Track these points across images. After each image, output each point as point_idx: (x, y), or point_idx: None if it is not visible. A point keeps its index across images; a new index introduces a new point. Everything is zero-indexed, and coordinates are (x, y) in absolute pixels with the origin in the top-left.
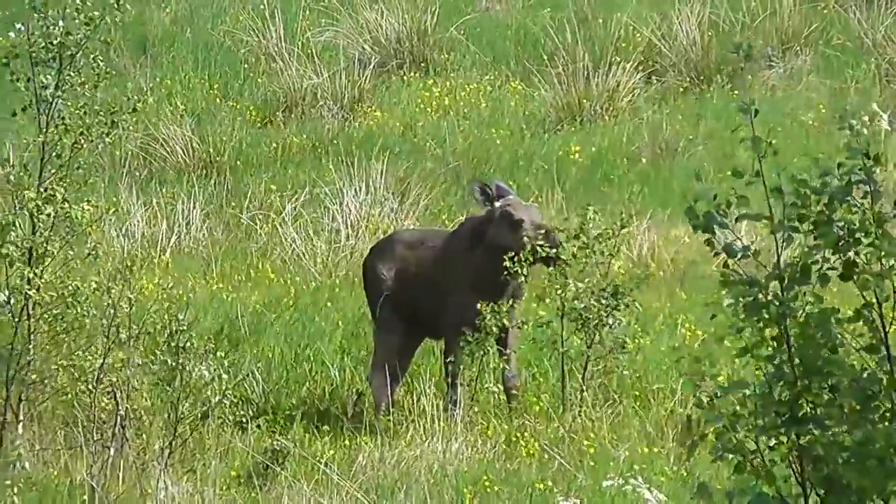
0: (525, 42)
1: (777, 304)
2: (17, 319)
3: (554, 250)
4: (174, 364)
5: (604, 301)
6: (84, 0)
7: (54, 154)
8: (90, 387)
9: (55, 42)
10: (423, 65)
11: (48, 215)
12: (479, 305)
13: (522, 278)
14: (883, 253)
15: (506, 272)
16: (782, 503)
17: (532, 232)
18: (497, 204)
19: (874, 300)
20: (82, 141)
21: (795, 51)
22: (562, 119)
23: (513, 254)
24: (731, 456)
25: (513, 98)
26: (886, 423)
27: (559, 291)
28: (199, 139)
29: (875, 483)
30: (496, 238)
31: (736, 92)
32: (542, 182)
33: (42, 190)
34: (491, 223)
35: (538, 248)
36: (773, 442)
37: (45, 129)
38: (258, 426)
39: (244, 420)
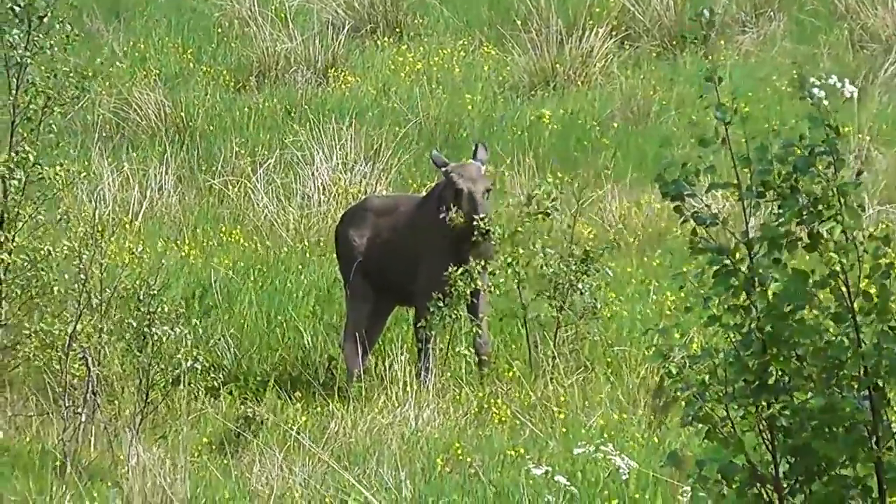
0: (498, 6)
1: (745, 271)
2: None
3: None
4: (143, 329)
5: (573, 266)
6: None
7: (25, 117)
8: (61, 353)
9: (22, 4)
10: (396, 29)
11: (20, 179)
12: (450, 270)
13: (491, 241)
14: (845, 225)
15: (475, 236)
16: (752, 471)
17: (465, 202)
18: (447, 168)
19: (839, 270)
20: (52, 104)
21: (769, 16)
22: (535, 84)
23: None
24: (700, 424)
25: (486, 63)
26: (854, 392)
27: (514, 261)
28: (172, 103)
29: (842, 451)
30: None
31: (709, 57)
32: (515, 147)
33: (14, 153)
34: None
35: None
36: (742, 411)
37: (15, 92)
38: (230, 392)
39: (216, 386)
